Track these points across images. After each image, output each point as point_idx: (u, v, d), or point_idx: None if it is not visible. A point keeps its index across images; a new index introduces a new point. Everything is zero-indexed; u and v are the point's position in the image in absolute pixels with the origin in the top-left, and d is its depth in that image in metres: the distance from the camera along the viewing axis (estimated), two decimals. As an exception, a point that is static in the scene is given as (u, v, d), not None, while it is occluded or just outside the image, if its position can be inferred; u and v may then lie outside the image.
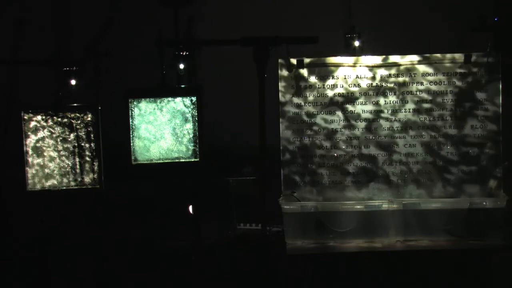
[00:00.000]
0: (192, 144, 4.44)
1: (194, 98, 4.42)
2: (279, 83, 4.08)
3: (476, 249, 3.95)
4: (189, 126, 4.43)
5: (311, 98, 4.10)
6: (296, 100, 4.10)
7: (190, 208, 4.48)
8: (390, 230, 4.03)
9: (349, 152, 4.10)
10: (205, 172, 4.51)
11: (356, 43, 4.76)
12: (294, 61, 4.08)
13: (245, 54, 3.26)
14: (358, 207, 4.04)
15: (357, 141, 4.10)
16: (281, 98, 4.10)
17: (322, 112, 4.10)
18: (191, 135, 4.43)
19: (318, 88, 4.10)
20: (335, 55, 4.14)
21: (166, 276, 4.11)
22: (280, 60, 4.07)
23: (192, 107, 4.43)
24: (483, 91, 4.07)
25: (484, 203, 4.00)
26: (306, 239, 4.05)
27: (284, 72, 4.09)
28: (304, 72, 4.09)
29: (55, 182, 4.38)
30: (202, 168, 4.45)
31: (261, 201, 3.30)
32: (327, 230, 4.05)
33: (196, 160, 4.43)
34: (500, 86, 4.05)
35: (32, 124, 4.35)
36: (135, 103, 4.38)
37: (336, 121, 4.10)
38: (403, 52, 4.12)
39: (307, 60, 4.09)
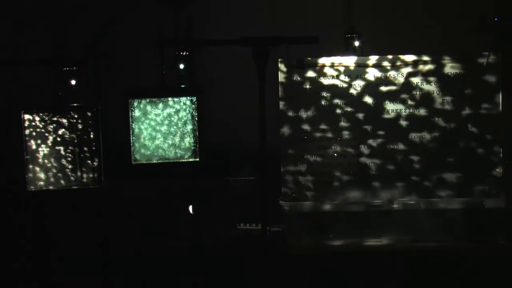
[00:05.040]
0: (192, 144, 4.43)
1: (194, 98, 4.42)
2: (279, 83, 4.08)
3: (476, 249, 3.95)
4: (189, 126, 4.43)
5: (311, 98, 4.10)
6: (296, 100, 4.10)
7: (190, 208, 4.48)
8: (390, 231, 4.03)
9: (349, 152, 4.10)
10: (205, 172, 4.51)
11: (356, 43, 4.75)
12: (294, 61, 4.08)
13: (245, 54, 3.26)
14: (359, 207, 4.04)
15: (357, 141, 4.10)
16: (281, 98, 4.10)
17: (322, 112, 4.10)
18: (191, 135, 4.43)
19: (318, 88, 4.10)
20: (335, 55, 4.14)
21: (166, 276, 4.10)
22: (280, 60, 4.07)
23: (192, 107, 4.42)
24: (483, 91, 4.07)
25: (484, 203, 4.00)
26: (306, 239, 4.05)
27: (284, 72, 4.09)
28: (304, 72, 4.09)
29: (55, 182, 4.37)
30: (202, 168, 4.44)
31: (261, 201, 3.29)
32: (327, 230, 4.05)
33: (196, 160, 4.42)
34: (500, 86, 4.05)
35: (32, 124, 4.35)
36: (135, 103, 4.38)
37: (336, 120, 4.10)
38: (403, 52, 4.12)
39: (306, 60, 4.09)
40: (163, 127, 4.41)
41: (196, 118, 4.42)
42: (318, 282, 3.90)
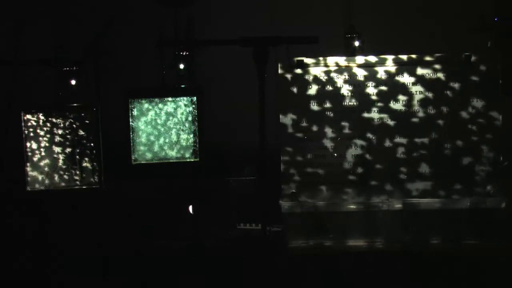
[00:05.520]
0: (192, 144, 4.43)
1: (194, 98, 4.42)
2: (279, 83, 4.08)
3: (476, 249, 3.95)
4: (189, 126, 4.43)
5: (310, 98, 4.10)
6: (295, 100, 4.10)
7: (190, 208, 4.48)
8: (390, 230, 4.04)
9: (349, 152, 4.10)
10: (205, 172, 4.51)
11: (356, 43, 4.76)
12: (293, 61, 4.08)
13: (245, 54, 3.26)
14: (358, 207, 4.04)
15: (357, 140, 4.10)
16: (281, 98, 4.10)
17: (321, 112, 4.10)
18: (191, 135, 4.43)
19: (318, 88, 4.10)
20: (335, 55, 4.14)
21: (166, 276, 4.11)
22: (279, 60, 4.07)
23: (192, 107, 4.43)
24: (483, 91, 4.06)
25: (484, 203, 4.00)
26: (306, 239, 4.05)
27: (284, 72, 4.09)
28: (304, 72, 4.09)
29: (55, 182, 4.37)
30: (202, 168, 4.44)
31: (261, 201, 3.29)
32: (327, 230, 4.05)
33: (196, 160, 4.42)
34: (500, 86, 4.05)
35: (32, 124, 4.35)
36: (135, 103, 4.38)
37: (336, 120, 4.10)
38: (403, 52, 4.12)
39: (306, 60, 4.09)
40: (163, 127, 4.41)
41: (196, 118, 4.42)
42: (318, 282, 3.90)
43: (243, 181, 4.60)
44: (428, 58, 4.08)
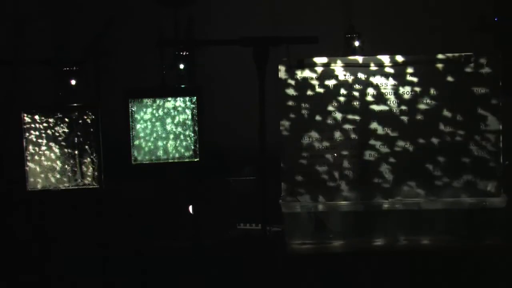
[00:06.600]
0: (192, 144, 4.43)
1: (194, 98, 4.42)
2: (279, 83, 4.08)
3: (476, 249, 3.95)
4: (189, 126, 4.43)
5: (311, 98, 4.10)
6: (296, 100, 4.10)
7: (190, 208, 4.48)
8: (390, 230, 4.04)
9: (349, 152, 4.10)
10: (205, 172, 4.51)
11: (356, 43, 4.76)
12: (294, 61, 4.07)
13: (245, 54, 3.26)
14: (358, 207, 4.04)
15: (357, 141, 4.10)
16: (281, 98, 4.10)
17: (321, 112, 4.10)
18: (191, 135, 4.43)
19: (318, 88, 4.10)
20: (335, 55, 4.14)
21: (166, 276, 4.11)
22: (280, 60, 4.07)
23: (192, 107, 4.43)
24: (483, 91, 4.06)
25: (484, 203, 4.00)
26: (306, 239, 4.05)
27: (284, 72, 4.09)
28: (304, 72, 4.09)
29: (55, 182, 4.37)
30: (202, 168, 4.44)
31: (261, 201, 3.29)
32: (327, 230, 4.05)
33: (196, 160, 4.42)
34: (500, 86, 4.05)
35: (32, 124, 4.35)
36: (135, 103, 4.38)
37: (336, 120, 4.10)
38: (403, 52, 4.12)
39: (307, 60, 4.09)
40: (163, 127, 4.41)
41: (196, 118, 4.42)
42: (318, 282, 3.90)
43: (243, 181, 4.60)
44: (427, 58, 4.08)
